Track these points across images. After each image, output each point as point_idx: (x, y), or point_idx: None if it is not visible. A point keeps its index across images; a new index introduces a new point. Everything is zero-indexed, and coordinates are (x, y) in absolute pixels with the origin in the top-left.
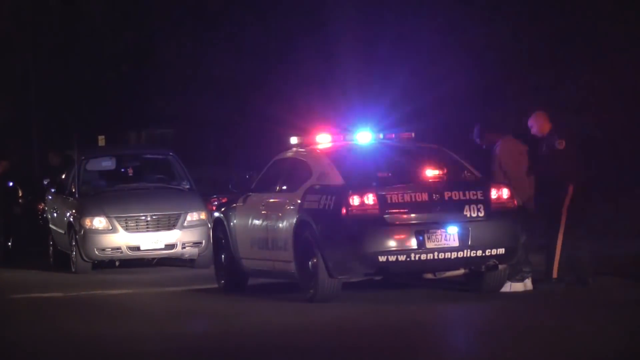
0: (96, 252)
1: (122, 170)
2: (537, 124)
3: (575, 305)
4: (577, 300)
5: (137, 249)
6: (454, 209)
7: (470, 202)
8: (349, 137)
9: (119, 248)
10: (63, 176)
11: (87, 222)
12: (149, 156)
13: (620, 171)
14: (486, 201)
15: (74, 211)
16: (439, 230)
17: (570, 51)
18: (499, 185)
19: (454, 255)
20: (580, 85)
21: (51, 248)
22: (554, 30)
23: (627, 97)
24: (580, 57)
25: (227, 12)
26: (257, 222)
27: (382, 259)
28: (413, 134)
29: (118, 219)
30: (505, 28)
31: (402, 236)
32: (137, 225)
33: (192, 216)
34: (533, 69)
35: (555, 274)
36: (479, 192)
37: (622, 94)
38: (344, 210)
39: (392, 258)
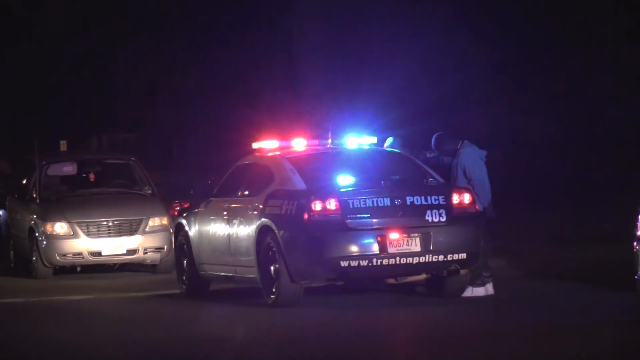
0: (57, 258)
1: (84, 175)
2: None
3: (536, 310)
4: (538, 305)
5: (99, 254)
6: (415, 214)
7: (432, 207)
8: (309, 142)
9: (80, 253)
10: (24, 181)
11: (48, 227)
12: (110, 161)
13: (587, 175)
14: (448, 206)
15: (34, 216)
16: (401, 235)
17: (532, 55)
18: (460, 190)
19: (415, 260)
20: (542, 89)
21: (12, 253)
22: (517, 35)
23: (588, 101)
24: (541, 61)
25: (188, 17)
26: (219, 227)
27: (344, 264)
28: (376, 139)
29: (79, 224)
30: (467, 34)
31: (364, 241)
32: (98, 230)
33: (154, 221)
34: (495, 74)
35: None
36: (440, 197)
37: (582, 97)
38: (306, 215)
39: (354, 263)
